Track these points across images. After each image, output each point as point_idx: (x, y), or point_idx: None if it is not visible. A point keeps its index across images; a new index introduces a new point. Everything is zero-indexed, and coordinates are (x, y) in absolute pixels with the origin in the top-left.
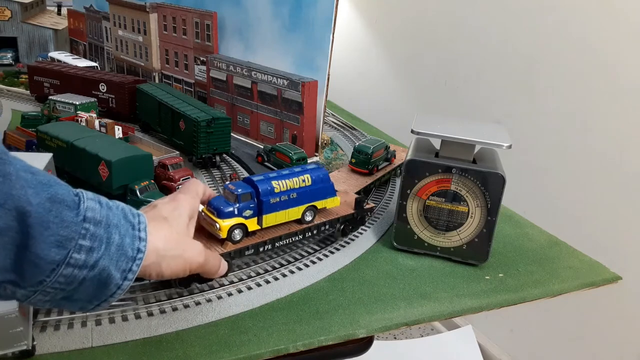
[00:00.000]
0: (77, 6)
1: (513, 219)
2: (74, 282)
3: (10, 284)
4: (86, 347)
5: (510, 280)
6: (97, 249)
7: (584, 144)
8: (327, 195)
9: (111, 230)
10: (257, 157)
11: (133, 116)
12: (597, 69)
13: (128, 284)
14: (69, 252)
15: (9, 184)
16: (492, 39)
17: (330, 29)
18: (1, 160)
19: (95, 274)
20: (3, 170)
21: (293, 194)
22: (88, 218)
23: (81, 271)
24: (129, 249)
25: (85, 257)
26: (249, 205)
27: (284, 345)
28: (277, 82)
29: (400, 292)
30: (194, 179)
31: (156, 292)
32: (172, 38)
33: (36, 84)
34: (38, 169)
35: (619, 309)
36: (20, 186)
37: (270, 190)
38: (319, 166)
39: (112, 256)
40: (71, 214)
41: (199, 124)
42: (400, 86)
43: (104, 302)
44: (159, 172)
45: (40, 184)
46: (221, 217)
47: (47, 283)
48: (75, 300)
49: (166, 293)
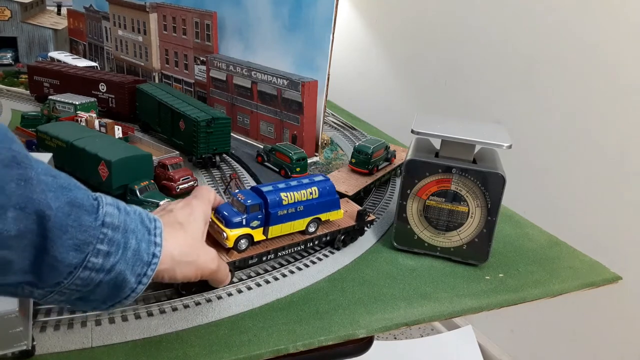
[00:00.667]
0: (77, 6)
1: (513, 219)
2: (91, 285)
3: (28, 285)
4: (86, 347)
5: (510, 280)
6: (114, 253)
7: (585, 143)
8: (332, 208)
9: (128, 235)
10: (257, 157)
11: (133, 116)
12: (598, 68)
13: (142, 287)
14: (86, 256)
15: (30, 188)
16: (492, 39)
17: (330, 29)
18: (23, 164)
19: (112, 277)
20: (25, 175)
21: (300, 207)
22: (107, 223)
23: (98, 274)
24: (144, 254)
25: (103, 261)
26: (257, 216)
27: (284, 346)
28: (277, 82)
29: (400, 292)
30: (205, 186)
31: (156, 292)
32: (172, 38)
33: (36, 84)
34: (58, 172)
35: (620, 309)
36: (41, 190)
37: (279, 202)
38: (326, 178)
39: (128, 261)
40: (90, 219)
41: (199, 124)
42: (400, 86)
43: (118, 304)
44: (158, 172)
45: (61, 188)
46: (229, 227)
47: (64, 284)
48: (90, 301)
49: (166, 293)
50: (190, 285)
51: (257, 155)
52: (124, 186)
